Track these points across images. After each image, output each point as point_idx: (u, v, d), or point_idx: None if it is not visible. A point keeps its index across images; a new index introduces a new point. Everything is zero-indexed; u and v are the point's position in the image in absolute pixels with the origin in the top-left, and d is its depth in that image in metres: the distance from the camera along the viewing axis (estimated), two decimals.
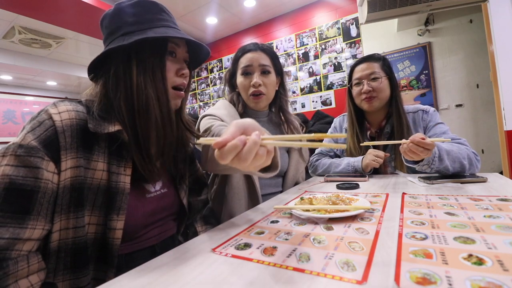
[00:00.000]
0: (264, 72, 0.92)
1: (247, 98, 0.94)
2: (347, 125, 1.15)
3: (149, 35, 0.49)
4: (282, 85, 1.02)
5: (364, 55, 1.12)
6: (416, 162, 0.83)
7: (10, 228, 0.38)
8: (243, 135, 0.34)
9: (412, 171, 1.02)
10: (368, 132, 1.12)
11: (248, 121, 0.37)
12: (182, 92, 0.57)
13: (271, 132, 0.98)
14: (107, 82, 0.51)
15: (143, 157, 0.50)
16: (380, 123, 1.11)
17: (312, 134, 0.35)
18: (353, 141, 1.10)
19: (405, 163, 0.89)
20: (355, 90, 1.09)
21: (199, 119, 0.91)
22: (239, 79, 0.94)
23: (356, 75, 1.07)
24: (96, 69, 0.54)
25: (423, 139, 0.72)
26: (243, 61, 0.92)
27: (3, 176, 0.39)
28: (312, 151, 1.29)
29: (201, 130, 0.82)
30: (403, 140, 0.76)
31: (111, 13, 0.53)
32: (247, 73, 0.92)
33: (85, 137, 0.46)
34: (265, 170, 0.50)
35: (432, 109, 1.05)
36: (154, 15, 0.53)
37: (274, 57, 0.96)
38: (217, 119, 0.83)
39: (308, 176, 1.19)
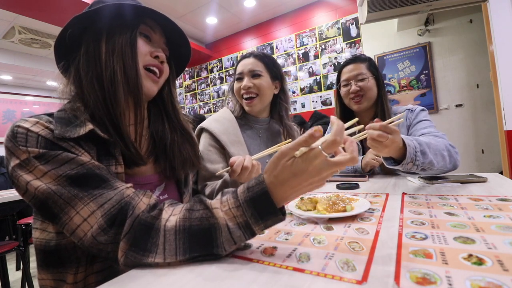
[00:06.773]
0: (254, 76, 0.96)
1: (242, 102, 1.00)
2: None
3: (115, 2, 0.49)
4: (282, 90, 1.04)
5: (351, 57, 1.13)
6: (398, 163, 0.71)
7: (108, 191, 0.41)
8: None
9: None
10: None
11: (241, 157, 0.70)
12: (156, 78, 0.55)
13: (268, 139, 1.05)
14: (78, 65, 0.49)
15: (125, 142, 0.48)
16: (368, 123, 1.10)
17: (284, 142, 0.59)
18: None
19: (387, 166, 0.75)
20: (343, 90, 1.10)
21: (197, 129, 0.97)
22: (234, 84, 1.01)
23: (344, 76, 1.09)
24: (66, 56, 0.51)
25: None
26: (238, 68, 1.00)
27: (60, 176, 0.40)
28: None
29: (205, 156, 0.90)
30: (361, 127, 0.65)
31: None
32: (239, 78, 0.99)
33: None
34: None
35: (419, 108, 1.04)
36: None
37: (268, 63, 0.99)
38: (214, 147, 0.91)
39: None
